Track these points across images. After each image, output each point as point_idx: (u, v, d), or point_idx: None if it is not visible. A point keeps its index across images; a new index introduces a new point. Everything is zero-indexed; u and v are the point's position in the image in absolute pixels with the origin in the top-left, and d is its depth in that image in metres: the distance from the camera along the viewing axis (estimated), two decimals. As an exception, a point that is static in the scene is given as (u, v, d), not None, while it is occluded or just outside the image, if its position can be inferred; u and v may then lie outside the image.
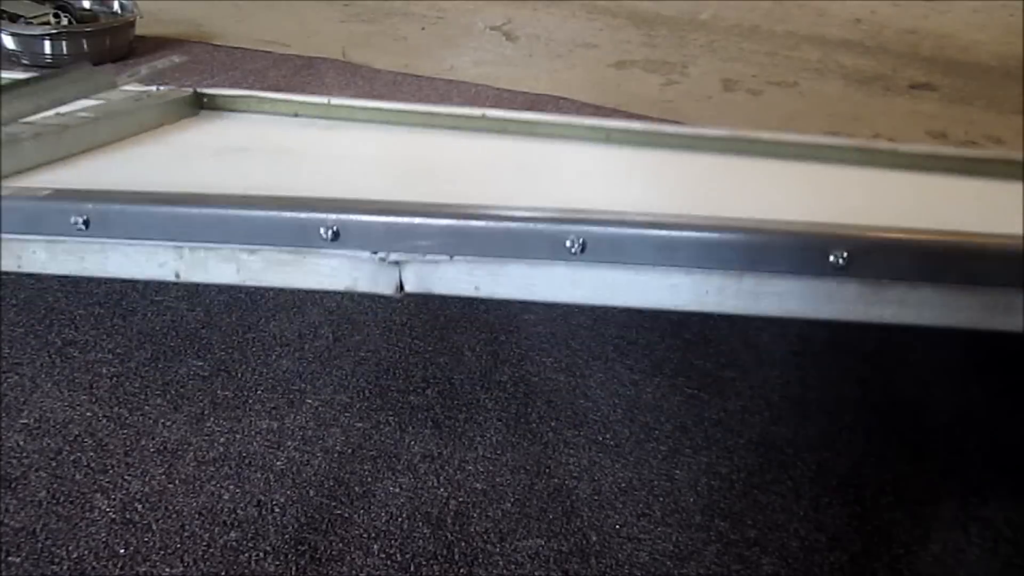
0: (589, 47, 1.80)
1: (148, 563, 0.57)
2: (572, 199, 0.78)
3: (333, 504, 0.62)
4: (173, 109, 1.04)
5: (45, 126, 0.84)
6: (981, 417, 0.74)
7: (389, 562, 0.58)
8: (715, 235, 0.52)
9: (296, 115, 1.07)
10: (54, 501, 0.61)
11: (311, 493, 0.63)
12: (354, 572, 0.57)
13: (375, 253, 0.56)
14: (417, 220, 0.55)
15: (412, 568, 0.57)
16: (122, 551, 0.57)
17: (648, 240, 0.52)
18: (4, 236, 0.61)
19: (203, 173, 0.81)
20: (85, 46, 1.51)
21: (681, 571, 0.59)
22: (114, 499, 0.62)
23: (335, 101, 1.07)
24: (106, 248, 0.60)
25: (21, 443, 0.66)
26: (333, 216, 0.55)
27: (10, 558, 0.57)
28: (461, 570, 0.58)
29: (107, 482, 0.63)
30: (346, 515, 0.61)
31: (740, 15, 2.03)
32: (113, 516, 0.60)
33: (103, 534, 0.59)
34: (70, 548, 0.58)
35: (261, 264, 0.58)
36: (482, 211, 0.55)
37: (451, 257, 0.55)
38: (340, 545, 0.59)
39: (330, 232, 0.55)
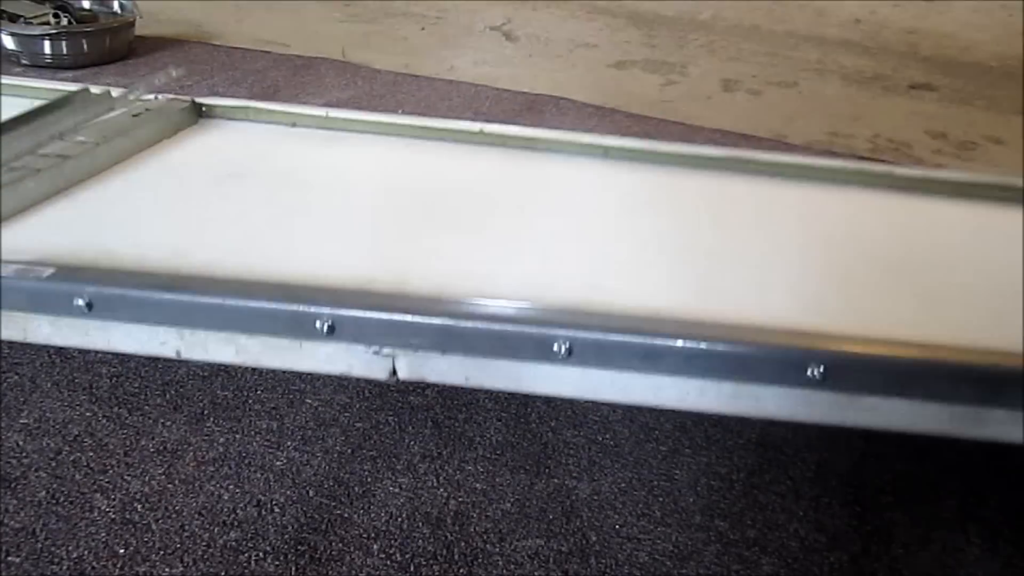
0: (589, 47, 1.80)
1: (148, 563, 0.57)
2: (566, 228, 0.79)
3: (333, 504, 0.62)
4: (172, 122, 1.04)
5: (45, 159, 0.85)
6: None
7: (389, 562, 0.58)
8: (698, 345, 0.54)
9: (294, 125, 1.08)
10: (54, 501, 0.61)
11: (311, 493, 0.63)
12: (354, 572, 0.57)
13: (369, 346, 0.58)
14: (410, 318, 0.57)
15: (412, 568, 0.57)
16: (122, 551, 0.57)
17: (632, 348, 0.55)
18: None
19: (201, 204, 0.81)
20: (85, 46, 1.51)
21: (681, 571, 0.59)
22: (114, 499, 0.62)
23: (332, 113, 1.08)
24: (109, 326, 0.61)
25: (21, 443, 0.66)
26: (328, 310, 0.57)
27: (10, 558, 0.57)
28: (461, 570, 0.58)
29: (107, 482, 0.63)
30: (346, 515, 0.61)
31: (740, 15, 2.03)
32: (113, 516, 0.60)
33: (103, 534, 0.59)
34: (70, 548, 0.57)
35: (259, 348, 0.60)
36: (473, 311, 0.57)
37: (443, 352, 0.57)
38: (340, 545, 0.59)
39: (325, 326, 0.57)
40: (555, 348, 0.55)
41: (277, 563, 0.57)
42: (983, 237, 0.80)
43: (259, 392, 0.73)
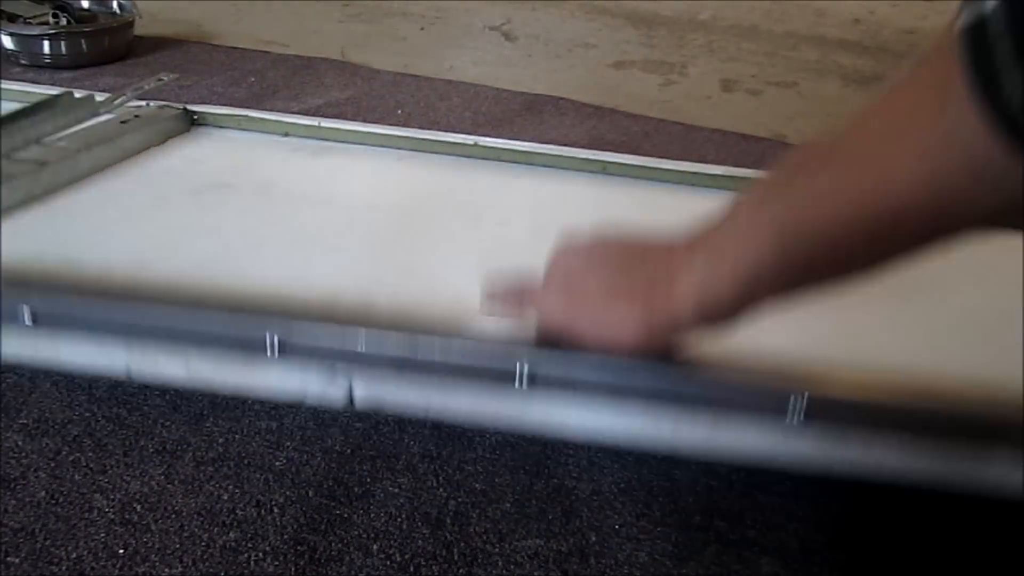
0: (588, 47, 1.80)
1: (147, 563, 0.57)
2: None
3: (332, 504, 0.62)
4: (161, 129, 1.02)
5: (22, 164, 0.82)
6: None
7: (389, 562, 0.58)
8: (665, 384, 0.51)
9: (287, 135, 1.08)
10: (53, 501, 0.61)
11: (310, 493, 0.63)
12: (353, 572, 0.57)
13: (323, 369, 0.56)
14: (364, 343, 0.54)
15: (411, 568, 0.57)
16: (121, 551, 0.57)
17: (598, 382, 0.52)
18: None
19: (177, 216, 0.80)
20: (84, 46, 1.51)
21: (681, 571, 0.58)
22: (113, 499, 0.62)
23: (325, 123, 1.09)
24: (57, 342, 0.60)
25: (20, 443, 0.66)
26: (279, 331, 0.55)
27: (9, 558, 0.56)
28: (460, 570, 0.57)
29: (106, 482, 0.63)
30: (345, 515, 0.61)
31: (739, 15, 2.03)
32: (112, 516, 0.60)
33: (102, 534, 0.59)
34: (69, 548, 0.57)
35: (211, 367, 0.58)
36: (430, 340, 0.54)
37: (399, 372, 0.55)
38: (339, 545, 0.59)
39: (275, 348, 0.55)
40: (517, 378, 0.54)
41: (277, 563, 0.57)
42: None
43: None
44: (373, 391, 0.57)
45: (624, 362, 0.51)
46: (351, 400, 0.57)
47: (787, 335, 0.58)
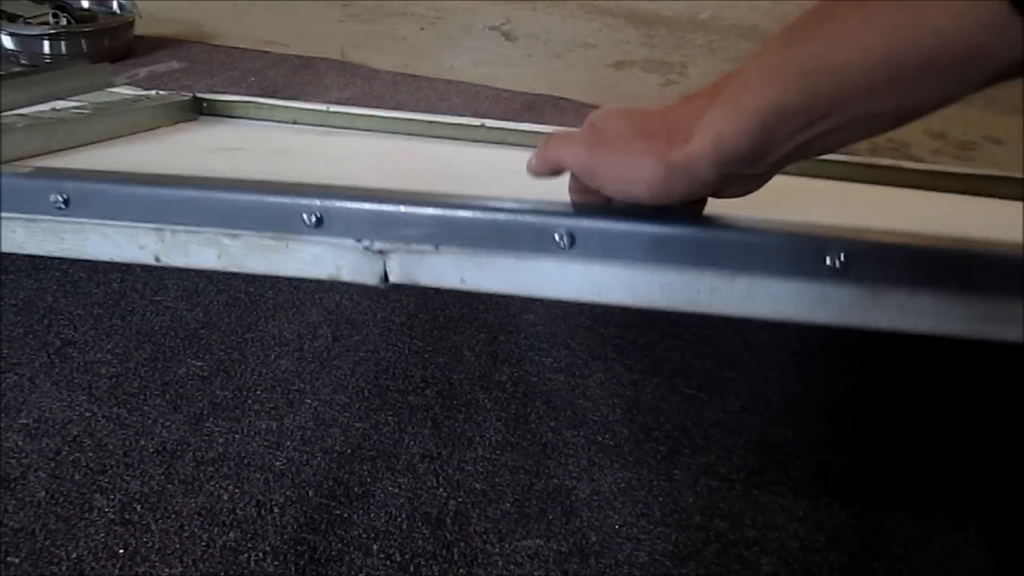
0: (588, 47, 1.80)
1: (147, 563, 0.57)
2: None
3: (332, 504, 0.62)
4: (170, 112, 1.03)
5: (38, 118, 0.83)
6: (981, 417, 0.74)
7: (388, 562, 0.58)
8: (706, 233, 0.50)
9: (295, 122, 1.08)
10: (53, 501, 0.61)
11: (310, 493, 0.63)
12: (353, 572, 0.57)
13: (359, 241, 0.54)
14: (403, 208, 0.53)
15: (411, 568, 0.57)
16: (121, 551, 0.57)
17: (637, 236, 0.50)
18: None
19: (196, 167, 0.80)
20: (84, 46, 1.51)
21: (681, 571, 0.58)
22: (113, 499, 0.62)
23: (334, 108, 1.08)
24: (85, 229, 0.58)
25: (20, 443, 0.66)
26: (317, 202, 0.53)
27: (9, 558, 0.56)
28: (460, 570, 0.57)
29: (106, 482, 0.63)
30: (345, 515, 0.61)
31: (739, 15, 2.03)
32: (112, 516, 0.60)
33: (102, 534, 0.59)
34: (69, 548, 0.57)
35: (243, 249, 0.56)
36: (468, 202, 0.53)
37: (437, 248, 0.53)
38: (339, 545, 0.59)
39: (313, 218, 0.54)
40: (556, 238, 0.51)
41: (277, 563, 0.57)
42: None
43: (259, 392, 0.73)
44: (408, 266, 0.55)
45: (658, 213, 0.50)
46: (385, 276, 0.56)
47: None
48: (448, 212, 0.52)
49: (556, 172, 0.52)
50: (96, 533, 0.59)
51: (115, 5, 1.63)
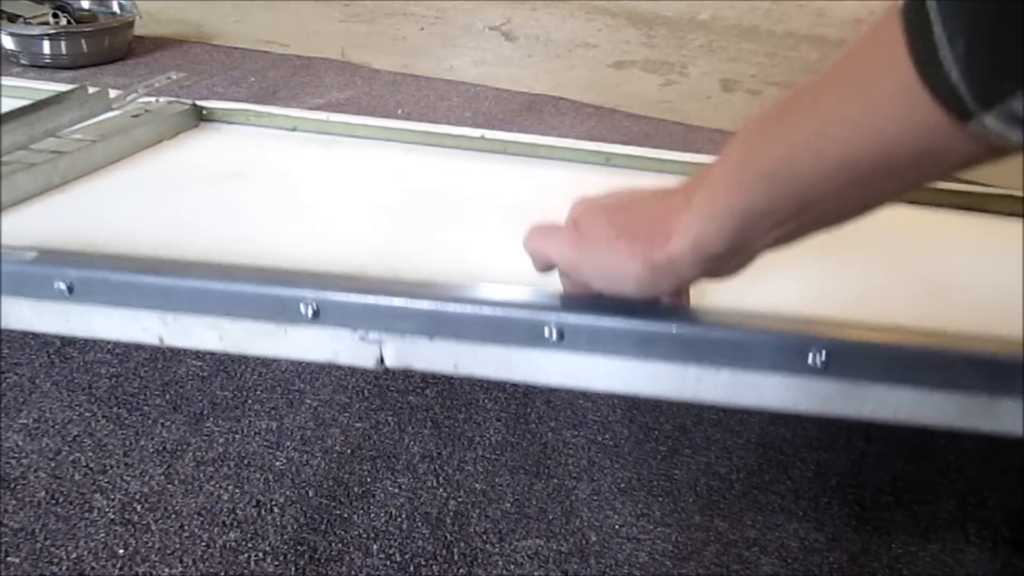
0: (588, 47, 1.80)
1: (147, 563, 0.57)
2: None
3: (332, 504, 0.62)
4: (171, 124, 1.04)
5: (40, 154, 0.84)
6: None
7: (388, 562, 0.58)
8: (692, 330, 0.52)
9: (295, 129, 1.09)
10: (53, 501, 0.61)
11: (310, 493, 0.63)
12: (353, 572, 0.57)
13: (355, 331, 0.57)
14: (397, 302, 0.55)
15: (411, 568, 0.57)
16: (121, 551, 0.57)
17: (624, 332, 0.52)
18: None
19: (196, 199, 0.81)
20: (84, 46, 1.51)
21: (681, 571, 0.59)
22: (113, 499, 0.62)
23: (334, 118, 1.09)
24: (90, 312, 0.60)
25: (20, 443, 0.66)
26: (313, 293, 0.56)
27: (9, 558, 0.56)
28: (460, 570, 0.57)
29: (106, 482, 0.63)
30: (345, 515, 0.61)
31: (739, 15, 2.03)
32: (112, 516, 0.60)
33: (102, 534, 0.59)
34: (69, 548, 0.57)
35: (243, 333, 0.59)
36: (461, 294, 0.56)
37: (431, 338, 0.56)
38: (339, 545, 0.59)
39: (310, 310, 0.56)
40: (545, 333, 0.53)
41: (276, 563, 0.57)
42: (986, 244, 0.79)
43: (259, 392, 0.73)
44: (403, 352, 0.57)
45: (645, 310, 0.52)
46: (382, 361, 0.58)
47: (789, 295, 0.59)
48: (441, 306, 0.54)
49: (548, 267, 0.53)
50: (96, 533, 0.59)
51: (115, 5, 1.63)
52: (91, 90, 1.03)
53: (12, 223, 0.72)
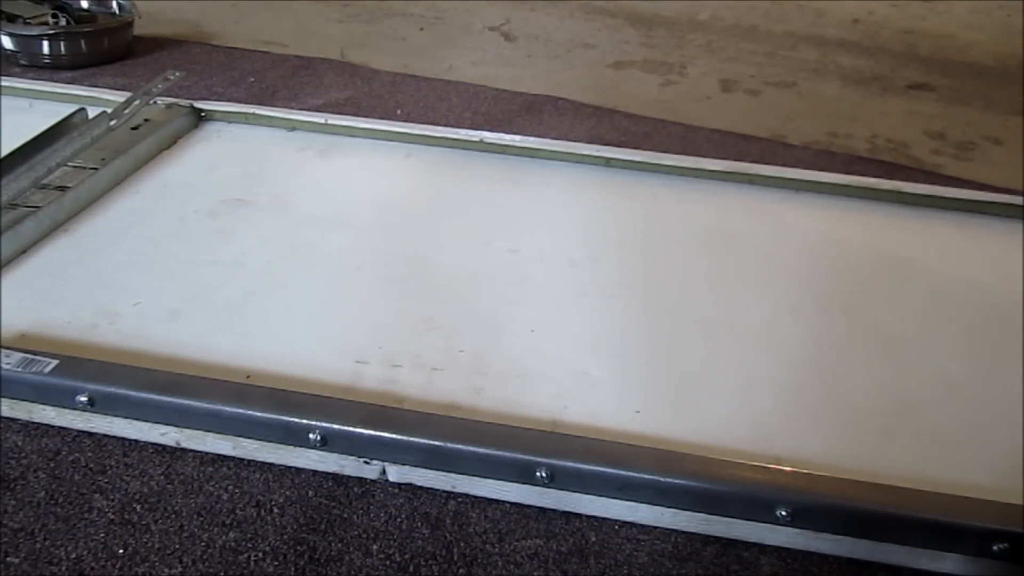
0: (587, 47, 1.80)
1: (147, 563, 0.57)
2: (568, 241, 0.84)
3: (332, 504, 0.62)
4: (171, 131, 1.05)
5: (44, 194, 0.88)
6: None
7: (388, 562, 0.58)
8: (669, 480, 0.59)
9: (293, 129, 1.09)
10: (53, 502, 0.61)
11: (310, 493, 0.63)
12: (353, 572, 0.57)
13: (359, 457, 0.63)
14: (399, 437, 0.61)
15: (411, 568, 0.57)
16: (121, 551, 0.57)
17: (609, 478, 0.59)
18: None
19: (196, 249, 0.87)
20: (83, 47, 1.51)
21: (681, 571, 0.59)
22: (113, 499, 0.62)
23: (331, 120, 1.09)
24: (111, 419, 0.66)
25: (20, 443, 0.66)
26: (321, 424, 0.61)
27: (9, 558, 0.56)
28: (460, 570, 0.57)
29: (106, 482, 0.63)
30: (345, 515, 0.61)
31: (738, 15, 2.03)
32: (112, 516, 0.60)
33: (102, 534, 0.59)
34: (68, 548, 0.57)
35: (255, 446, 0.64)
36: (458, 429, 0.62)
37: (430, 468, 0.62)
38: (339, 545, 0.59)
39: (318, 439, 0.62)
40: (537, 474, 0.59)
41: (276, 563, 0.57)
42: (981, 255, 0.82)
43: (258, 392, 0.73)
44: (404, 473, 0.63)
45: (629, 465, 0.59)
46: (384, 473, 0.64)
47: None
48: (439, 443, 0.61)
49: None
50: (96, 533, 0.59)
51: (115, 5, 1.62)
52: (91, 115, 1.03)
53: (20, 280, 0.78)
